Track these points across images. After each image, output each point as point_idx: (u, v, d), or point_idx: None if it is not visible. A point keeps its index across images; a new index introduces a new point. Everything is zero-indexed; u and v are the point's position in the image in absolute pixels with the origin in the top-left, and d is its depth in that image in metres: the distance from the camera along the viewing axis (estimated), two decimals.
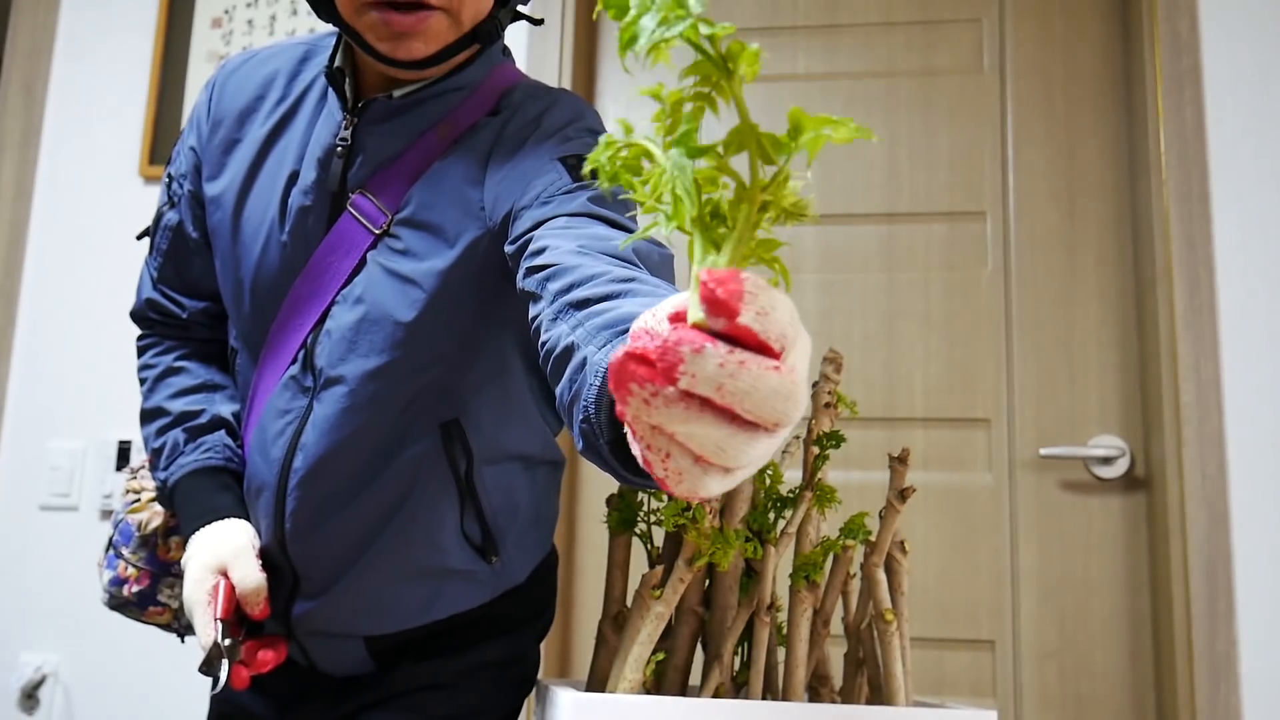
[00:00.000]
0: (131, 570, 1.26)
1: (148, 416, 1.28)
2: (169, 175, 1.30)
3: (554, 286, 0.90)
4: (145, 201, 2.44)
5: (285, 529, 1.17)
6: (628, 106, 2.47)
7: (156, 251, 1.30)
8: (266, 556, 1.19)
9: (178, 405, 1.26)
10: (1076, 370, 2.25)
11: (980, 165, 2.35)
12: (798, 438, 1.21)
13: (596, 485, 2.36)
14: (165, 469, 1.24)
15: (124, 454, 2.33)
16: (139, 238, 1.36)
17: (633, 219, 1.05)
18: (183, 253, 1.29)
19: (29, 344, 2.44)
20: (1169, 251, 2.11)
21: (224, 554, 1.15)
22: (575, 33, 2.37)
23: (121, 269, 2.42)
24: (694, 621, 1.12)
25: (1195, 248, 2.10)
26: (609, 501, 1.19)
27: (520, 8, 1.24)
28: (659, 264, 0.97)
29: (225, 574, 1.15)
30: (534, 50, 2.35)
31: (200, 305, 1.30)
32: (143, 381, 1.31)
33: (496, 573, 1.25)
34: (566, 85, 2.33)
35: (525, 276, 0.97)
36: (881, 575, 1.10)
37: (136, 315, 1.34)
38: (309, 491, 1.16)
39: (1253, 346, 2.07)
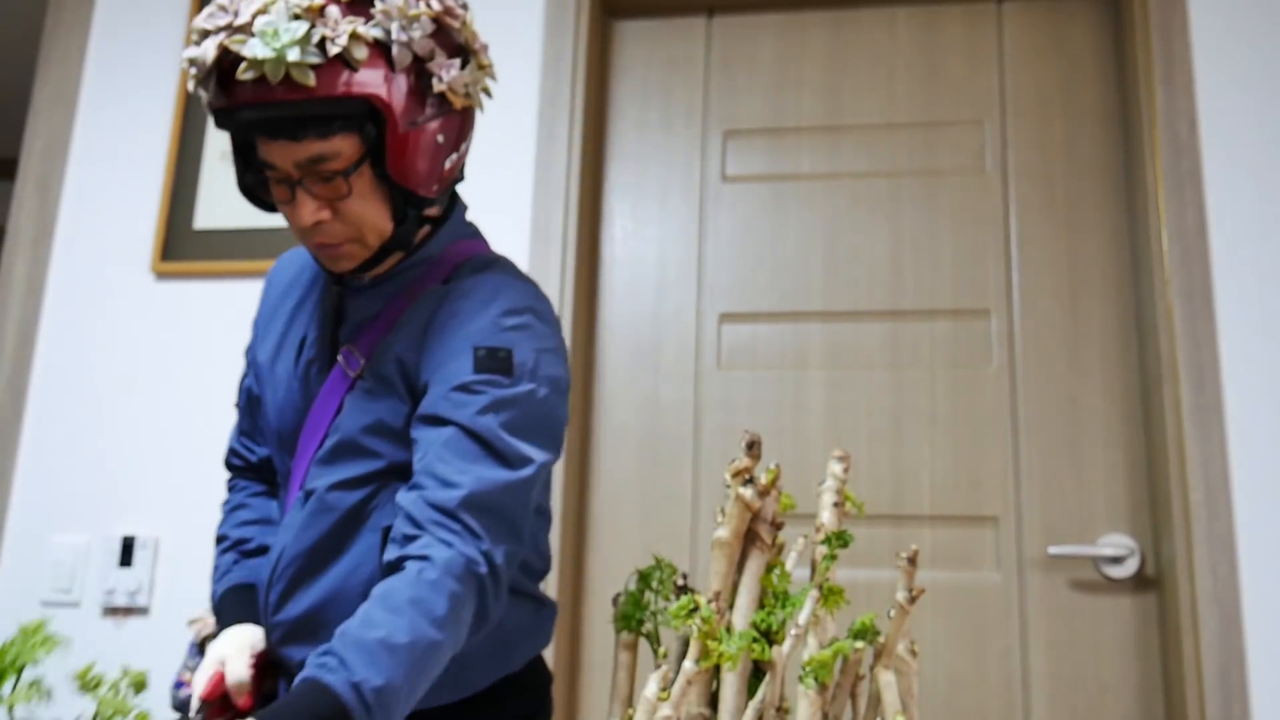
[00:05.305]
0: (187, 674, 1.49)
1: (217, 541, 1.52)
2: (247, 347, 1.56)
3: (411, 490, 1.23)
4: (156, 300, 2.47)
5: (270, 623, 1.36)
6: (634, 206, 2.51)
7: (239, 408, 1.57)
8: (270, 655, 1.36)
9: (236, 533, 1.50)
10: (1084, 468, 2.25)
11: (984, 263, 2.37)
12: (805, 537, 1.21)
13: (603, 584, 2.34)
14: (217, 582, 1.46)
15: (127, 549, 2.32)
16: (236, 405, 1.60)
17: (510, 435, 1.25)
18: (251, 409, 1.54)
19: (36, 438, 2.44)
20: (1174, 350, 2.12)
21: (227, 651, 1.34)
22: (583, 138, 2.41)
23: (130, 366, 2.43)
24: None
25: (1200, 346, 2.10)
26: (615, 601, 1.18)
27: (428, 210, 1.39)
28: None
29: (223, 667, 1.34)
30: (541, 153, 2.39)
31: (265, 451, 1.55)
32: (223, 513, 1.55)
33: (455, 676, 1.31)
34: (573, 188, 2.36)
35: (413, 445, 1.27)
36: (891, 678, 1.09)
37: (226, 461, 1.60)
38: (283, 587, 1.34)
39: (1260, 444, 2.07)
